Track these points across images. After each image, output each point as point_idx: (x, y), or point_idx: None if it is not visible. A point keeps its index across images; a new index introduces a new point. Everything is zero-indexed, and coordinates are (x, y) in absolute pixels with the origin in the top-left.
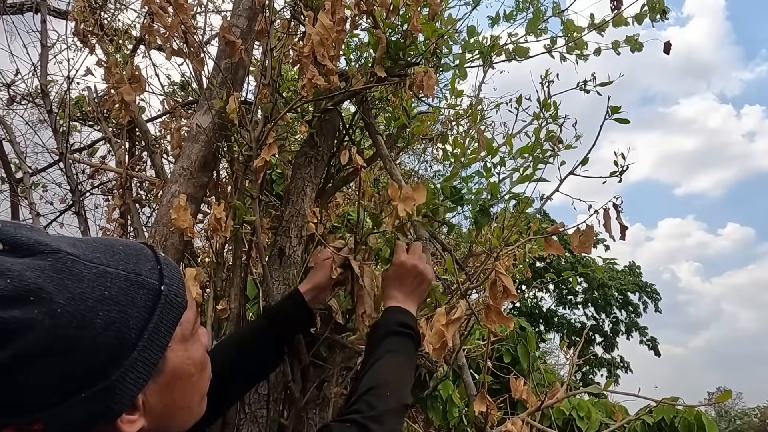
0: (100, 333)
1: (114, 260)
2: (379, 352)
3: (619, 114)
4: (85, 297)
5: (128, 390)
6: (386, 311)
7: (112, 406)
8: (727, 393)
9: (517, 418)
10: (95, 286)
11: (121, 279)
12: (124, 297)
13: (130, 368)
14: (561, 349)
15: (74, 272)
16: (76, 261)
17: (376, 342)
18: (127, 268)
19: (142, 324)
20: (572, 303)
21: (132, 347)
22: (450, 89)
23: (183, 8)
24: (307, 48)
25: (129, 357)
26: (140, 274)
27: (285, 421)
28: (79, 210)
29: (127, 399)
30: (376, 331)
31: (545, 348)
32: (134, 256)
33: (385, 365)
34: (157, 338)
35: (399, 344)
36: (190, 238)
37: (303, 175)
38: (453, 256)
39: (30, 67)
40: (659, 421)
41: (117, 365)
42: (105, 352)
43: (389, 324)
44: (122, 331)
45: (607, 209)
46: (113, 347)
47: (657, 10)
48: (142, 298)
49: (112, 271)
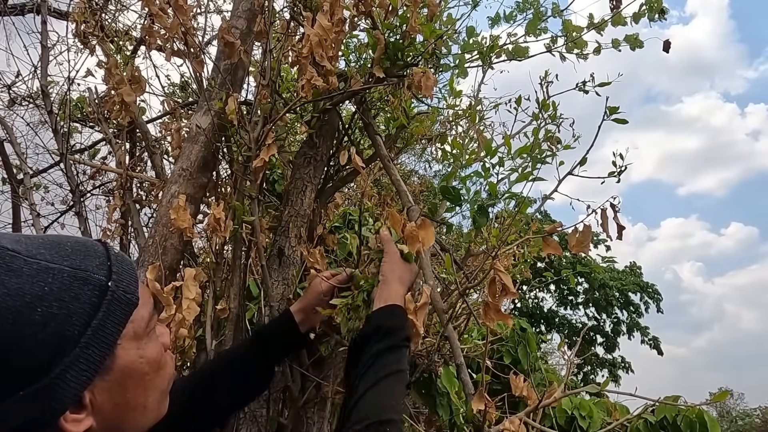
0: (39, 330)
1: (59, 256)
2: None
3: (620, 114)
4: (23, 293)
5: (70, 388)
6: (390, 311)
7: (52, 405)
8: (724, 393)
9: (515, 417)
10: (34, 282)
11: (65, 275)
12: (66, 293)
13: (71, 365)
14: (559, 349)
15: (12, 268)
16: (15, 257)
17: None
18: (72, 264)
19: (86, 320)
20: (573, 303)
21: (74, 344)
22: (449, 89)
23: (183, 9)
24: (306, 49)
25: (70, 354)
26: (86, 270)
27: (284, 421)
28: (79, 210)
29: (68, 397)
30: (378, 333)
31: (546, 348)
32: (82, 252)
33: (390, 391)
34: (102, 335)
35: (400, 363)
36: (190, 238)
37: (302, 176)
38: (452, 256)
39: (31, 69)
40: (661, 419)
41: (57, 362)
42: (45, 350)
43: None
44: (63, 328)
45: (604, 209)
46: (53, 344)
47: (655, 9)
48: (86, 294)
49: (54, 267)
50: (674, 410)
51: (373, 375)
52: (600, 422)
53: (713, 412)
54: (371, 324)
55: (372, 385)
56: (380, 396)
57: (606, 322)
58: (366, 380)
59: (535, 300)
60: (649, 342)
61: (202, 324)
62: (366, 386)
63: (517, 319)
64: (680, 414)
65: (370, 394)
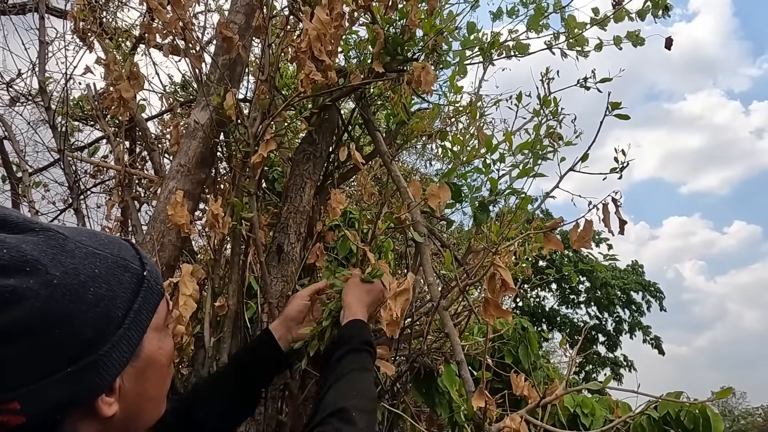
0: (91, 308)
1: (99, 244)
2: (345, 367)
3: (621, 110)
4: (78, 272)
5: (112, 367)
6: (351, 324)
7: (96, 382)
8: (727, 390)
9: (516, 414)
10: (86, 264)
11: (108, 261)
12: (111, 277)
13: (115, 345)
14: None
15: (66, 249)
16: (66, 239)
17: (340, 357)
18: (112, 252)
19: (128, 305)
20: (575, 302)
21: (118, 325)
22: (449, 86)
23: (180, 4)
24: (305, 43)
25: (115, 334)
26: (124, 258)
27: (283, 418)
28: (78, 207)
29: (110, 377)
30: (340, 344)
31: (548, 347)
32: (116, 243)
33: (351, 383)
34: (139, 320)
35: (362, 362)
36: (187, 234)
37: (302, 172)
38: (452, 253)
39: (30, 66)
40: (664, 415)
41: (104, 341)
42: (93, 328)
43: (353, 340)
44: (110, 309)
45: (606, 204)
46: (101, 323)
47: (660, 6)
48: (127, 280)
49: (99, 253)
50: (677, 406)
51: (334, 375)
52: (602, 420)
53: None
54: (333, 339)
55: (333, 383)
56: (341, 390)
57: (608, 321)
58: (329, 381)
59: (537, 299)
60: (650, 341)
61: (200, 321)
62: (328, 385)
63: (519, 318)
64: (683, 409)
65: (332, 390)
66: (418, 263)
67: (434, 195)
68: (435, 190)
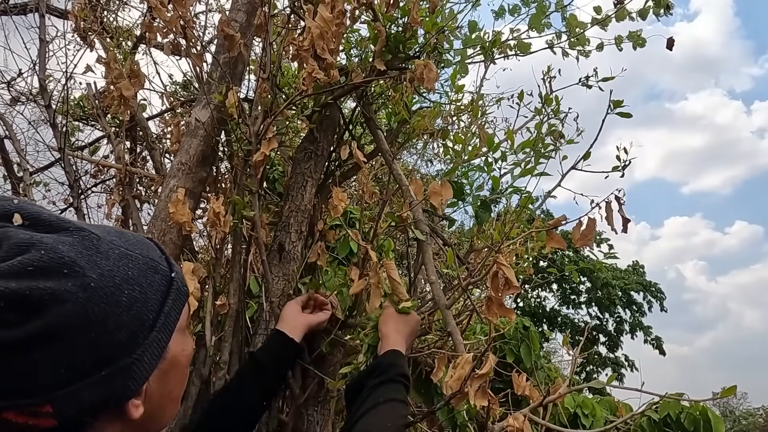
0: (125, 311)
1: (130, 244)
2: (379, 397)
3: (623, 108)
4: (113, 274)
5: (144, 371)
6: (389, 354)
7: (129, 385)
8: (732, 388)
9: (519, 413)
10: (120, 266)
11: (140, 262)
12: (143, 279)
13: (147, 349)
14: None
15: (101, 250)
16: (100, 240)
17: (374, 386)
18: (142, 253)
19: (159, 307)
20: (576, 303)
21: (150, 328)
22: (451, 84)
23: (182, 3)
24: (307, 41)
25: (147, 337)
26: (153, 259)
27: (284, 418)
28: (78, 206)
29: (141, 380)
30: (376, 373)
31: (549, 347)
32: (143, 244)
33: (384, 414)
34: (169, 323)
35: (396, 393)
36: (189, 232)
37: (303, 171)
38: (454, 251)
39: (30, 65)
40: (665, 416)
41: (136, 344)
42: (126, 331)
43: (389, 370)
44: (142, 312)
45: (609, 202)
46: (134, 326)
47: (661, 5)
48: (157, 282)
49: (131, 254)
50: (678, 408)
51: (367, 404)
52: (603, 420)
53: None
54: (370, 365)
55: (365, 411)
56: (373, 420)
57: (608, 321)
58: (363, 408)
59: (538, 299)
60: (651, 342)
61: (201, 320)
62: (360, 413)
63: (520, 318)
64: (684, 411)
65: (363, 419)
66: (420, 262)
67: (436, 193)
68: (437, 189)
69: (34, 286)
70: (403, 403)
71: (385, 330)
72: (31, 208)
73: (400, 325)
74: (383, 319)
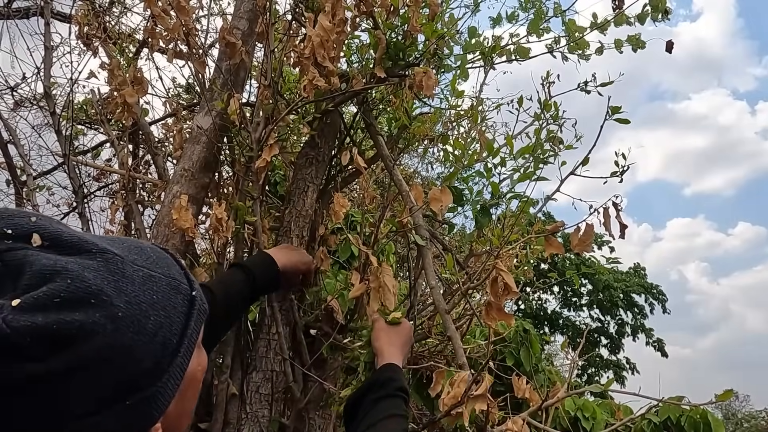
0: (151, 338)
1: (150, 262)
2: (379, 413)
3: (623, 113)
4: (140, 300)
5: (168, 396)
6: (385, 369)
7: (153, 414)
8: (728, 392)
9: (518, 417)
10: (145, 290)
11: (162, 283)
12: (167, 302)
13: (172, 375)
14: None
15: (126, 275)
16: (125, 262)
17: (378, 399)
18: (163, 272)
19: (182, 330)
20: (577, 305)
21: (174, 353)
22: (451, 90)
23: (184, 10)
24: (308, 49)
25: (172, 363)
26: (174, 278)
27: (286, 421)
28: (82, 211)
29: (165, 406)
30: (374, 389)
31: (550, 350)
32: (163, 259)
33: (388, 428)
34: (191, 345)
35: (396, 408)
36: (191, 238)
37: (304, 176)
38: (454, 256)
39: (34, 70)
40: (665, 420)
41: (161, 371)
42: (152, 359)
43: (387, 385)
44: (167, 337)
45: (606, 208)
46: (159, 353)
47: (659, 9)
48: (180, 303)
49: (154, 275)
50: (678, 411)
51: (367, 420)
52: (603, 423)
53: (718, 414)
54: (367, 381)
55: (368, 427)
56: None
57: (610, 323)
58: (362, 425)
59: (539, 302)
60: (653, 344)
61: None
62: (362, 429)
63: (520, 320)
64: (684, 414)
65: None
66: (420, 266)
67: (436, 199)
68: (437, 194)
69: (61, 319)
70: (403, 417)
71: (379, 345)
72: (51, 227)
73: (392, 337)
74: (375, 334)
